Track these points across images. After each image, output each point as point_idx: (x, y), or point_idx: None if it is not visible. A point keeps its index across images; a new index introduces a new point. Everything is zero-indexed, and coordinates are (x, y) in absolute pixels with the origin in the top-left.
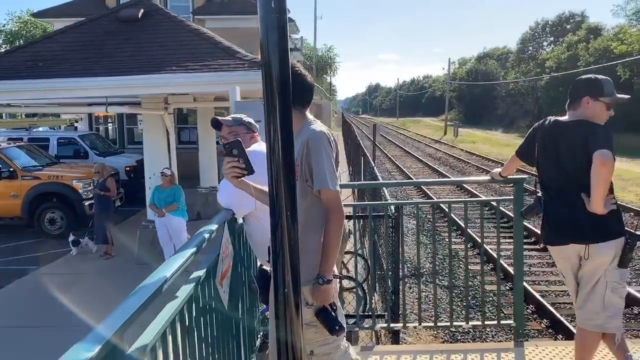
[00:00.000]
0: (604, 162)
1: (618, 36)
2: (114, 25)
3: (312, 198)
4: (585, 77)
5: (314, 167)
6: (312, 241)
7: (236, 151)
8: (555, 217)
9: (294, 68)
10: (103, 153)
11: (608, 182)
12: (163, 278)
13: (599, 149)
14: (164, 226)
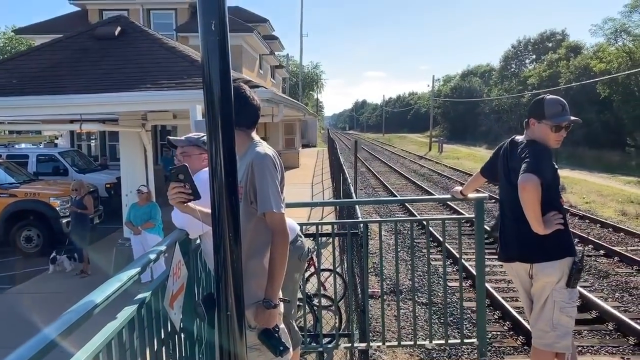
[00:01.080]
0: (524, 187)
1: (597, 54)
2: (90, 43)
3: (257, 221)
4: (536, 98)
5: (258, 190)
6: (256, 264)
7: (182, 176)
8: (505, 235)
9: (240, 89)
10: (83, 170)
11: (534, 204)
12: (91, 304)
13: (522, 173)
14: (139, 244)
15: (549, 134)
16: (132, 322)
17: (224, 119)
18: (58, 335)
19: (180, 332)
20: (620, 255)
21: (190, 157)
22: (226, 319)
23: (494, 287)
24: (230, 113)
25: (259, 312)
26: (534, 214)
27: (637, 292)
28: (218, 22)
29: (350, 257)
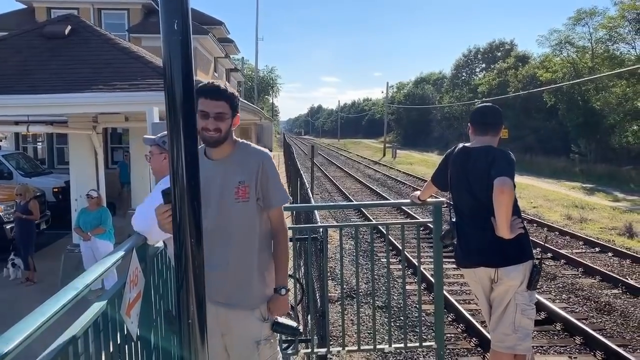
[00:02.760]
0: (502, 189)
1: (544, 64)
2: (39, 42)
3: (263, 216)
4: (495, 107)
5: (272, 186)
6: (266, 257)
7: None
8: (467, 240)
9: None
10: (29, 174)
11: (509, 207)
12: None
13: (497, 176)
14: (90, 250)
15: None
16: (87, 334)
17: (186, 122)
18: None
19: (137, 341)
20: (566, 258)
21: (153, 156)
22: (187, 328)
23: (447, 290)
24: (192, 115)
25: (278, 300)
26: (507, 217)
27: (583, 294)
28: (181, 22)
29: (309, 262)
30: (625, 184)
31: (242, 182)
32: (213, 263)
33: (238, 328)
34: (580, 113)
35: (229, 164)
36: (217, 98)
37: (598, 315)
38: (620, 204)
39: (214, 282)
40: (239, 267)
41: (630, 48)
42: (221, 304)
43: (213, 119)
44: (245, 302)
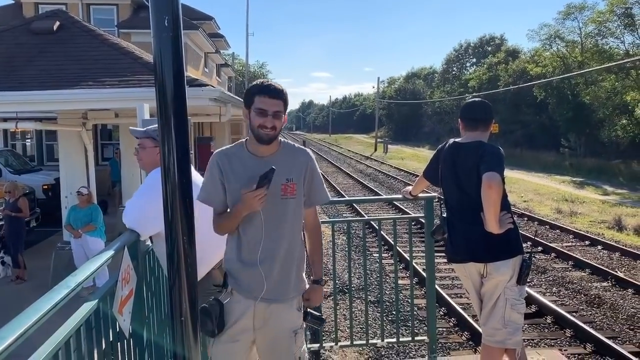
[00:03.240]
0: (490, 184)
1: (534, 59)
2: (26, 38)
3: (304, 213)
4: (485, 102)
5: (317, 185)
6: (302, 251)
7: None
8: (457, 236)
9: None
10: (18, 171)
11: (497, 202)
12: (39, 311)
13: (486, 171)
14: (80, 248)
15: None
16: (79, 332)
17: (177, 118)
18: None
19: (129, 339)
20: (557, 252)
21: (145, 149)
22: (180, 325)
23: (439, 284)
24: (184, 112)
25: (317, 291)
26: (495, 212)
27: (573, 287)
28: (172, 18)
29: None
30: (614, 178)
31: (289, 179)
32: (257, 259)
33: (277, 320)
34: (570, 107)
35: (276, 162)
36: (276, 97)
37: (588, 308)
38: (609, 197)
39: (256, 277)
40: (284, 261)
41: (619, 42)
42: (262, 299)
43: (271, 117)
44: (287, 295)
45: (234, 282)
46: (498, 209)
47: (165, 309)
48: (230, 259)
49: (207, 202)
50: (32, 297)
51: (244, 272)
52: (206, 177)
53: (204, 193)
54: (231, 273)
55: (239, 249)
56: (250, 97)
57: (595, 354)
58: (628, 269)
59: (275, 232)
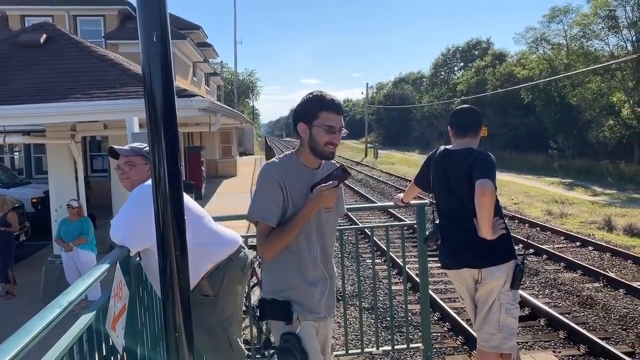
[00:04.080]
0: (483, 191)
1: (520, 62)
2: (13, 51)
3: None
4: (473, 108)
5: (342, 196)
6: None
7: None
8: (450, 242)
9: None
10: (7, 184)
11: (491, 209)
12: (30, 332)
13: (479, 178)
14: (71, 261)
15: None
16: (72, 350)
17: (167, 133)
18: None
19: (123, 355)
20: (548, 253)
21: (135, 167)
22: (174, 340)
23: (432, 289)
24: (174, 126)
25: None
26: (488, 219)
27: (565, 288)
28: (160, 34)
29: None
30: (602, 178)
31: None
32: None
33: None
34: (557, 109)
35: (321, 174)
36: (341, 112)
37: (581, 309)
38: (598, 198)
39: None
40: (331, 276)
41: (603, 44)
42: (323, 317)
43: (338, 134)
44: (334, 309)
45: (299, 307)
46: (491, 215)
47: (159, 323)
48: (293, 286)
49: (268, 220)
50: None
51: (309, 292)
52: (264, 193)
53: (263, 211)
54: (295, 299)
55: (301, 269)
56: (313, 113)
57: (589, 355)
58: (619, 269)
59: (326, 246)
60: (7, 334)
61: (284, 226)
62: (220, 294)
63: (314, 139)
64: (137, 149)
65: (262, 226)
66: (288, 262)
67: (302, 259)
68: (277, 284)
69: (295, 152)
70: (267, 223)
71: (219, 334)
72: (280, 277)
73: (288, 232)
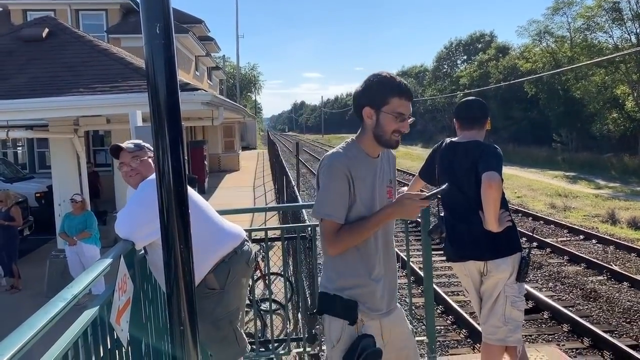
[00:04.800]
0: (490, 184)
1: (524, 55)
2: (16, 45)
3: None
4: (480, 100)
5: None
6: None
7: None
8: (455, 235)
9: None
10: (10, 179)
11: (497, 201)
12: (35, 326)
13: (486, 171)
14: (75, 255)
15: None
16: (77, 344)
17: (171, 125)
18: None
19: (127, 348)
20: (552, 247)
21: (144, 160)
22: (179, 334)
23: (436, 282)
24: (177, 119)
25: None
26: (495, 211)
27: (569, 281)
28: (163, 25)
29: (299, 260)
30: (606, 172)
31: (391, 180)
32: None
33: (397, 328)
34: (561, 102)
35: (381, 163)
36: (411, 99)
37: (584, 302)
38: (602, 191)
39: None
40: (393, 270)
41: (607, 37)
42: (386, 313)
43: (407, 121)
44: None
45: (363, 306)
46: (498, 208)
47: (163, 317)
48: (360, 284)
49: (337, 218)
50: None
51: (373, 290)
52: (331, 189)
53: (330, 209)
54: (360, 299)
55: (368, 267)
56: (383, 98)
57: (592, 348)
58: (623, 262)
59: (389, 241)
60: (12, 327)
61: (358, 226)
62: (226, 287)
63: (380, 126)
64: (140, 145)
65: (329, 223)
66: (355, 259)
67: (369, 256)
68: (342, 280)
69: (357, 138)
70: (335, 221)
71: (225, 327)
72: (346, 275)
73: (360, 234)
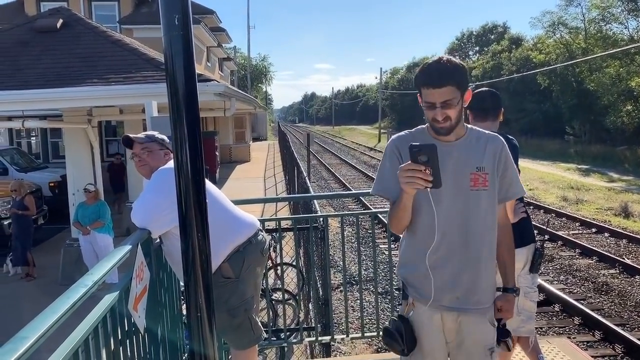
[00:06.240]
0: None
1: (537, 46)
2: (30, 36)
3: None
4: (494, 91)
5: (512, 175)
6: (494, 255)
7: (424, 157)
8: None
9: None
10: (25, 168)
11: None
12: (58, 311)
13: None
14: (89, 244)
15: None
16: (97, 329)
17: (189, 114)
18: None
19: (144, 334)
20: (563, 240)
21: (152, 152)
22: (197, 321)
23: None
24: (195, 107)
25: (509, 301)
26: (510, 203)
27: (580, 274)
28: (182, 17)
29: (311, 251)
30: (620, 165)
31: (480, 168)
32: (444, 259)
33: (472, 334)
34: (574, 94)
35: (462, 148)
36: (440, 85)
37: (596, 296)
38: (615, 184)
39: (442, 281)
40: (475, 263)
41: (623, 28)
42: (449, 307)
43: (440, 109)
44: (480, 305)
45: (414, 290)
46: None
47: (178, 304)
48: (407, 264)
49: (384, 193)
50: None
51: (427, 275)
52: (382, 167)
53: (379, 185)
54: (409, 280)
55: (419, 249)
56: (418, 87)
57: (604, 341)
58: (635, 256)
59: (464, 229)
60: (28, 313)
61: (395, 203)
62: (241, 276)
63: (425, 114)
64: (151, 136)
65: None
66: (408, 239)
67: (422, 240)
68: (400, 258)
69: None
70: (383, 196)
71: (240, 315)
72: (401, 253)
73: (395, 208)
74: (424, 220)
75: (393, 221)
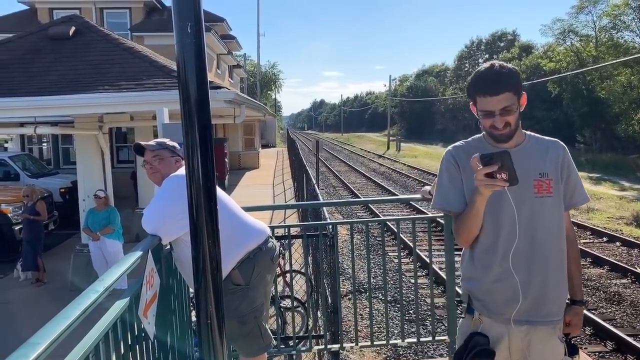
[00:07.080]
0: None
1: (547, 54)
2: (43, 43)
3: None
4: None
5: (576, 181)
6: (565, 265)
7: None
8: None
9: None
10: (36, 174)
11: None
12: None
13: None
14: (99, 250)
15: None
16: (107, 336)
17: (200, 121)
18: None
19: (154, 341)
20: None
21: (163, 160)
22: (207, 328)
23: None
24: (207, 115)
25: (578, 314)
26: None
27: (592, 284)
28: (194, 24)
29: (320, 258)
30: (631, 173)
31: (544, 174)
32: (511, 268)
33: (540, 350)
34: (585, 102)
35: (523, 154)
36: (498, 92)
37: (607, 305)
38: (627, 193)
39: (508, 292)
40: (544, 273)
41: (634, 36)
42: (516, 321)
43: (499, 116)
44: (550, 317)
45: (480, 304)
46: None
47: (188, 311)
48: (474, 277)
49: (446, 207)
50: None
51: (494, 287)
52: (440, 180)
53: (440, 198)
54: (474, 293)
55: (484, 262)
56: (473, 97)
57: (616, 352)
58: None
59: (530, 237)
60: (39, 318)
61: (465, 211)
62: (251, 283)
63: (481, 122)
64: (162, 143)
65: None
66: (473, 251)
67: (486, 249)
68: (463, 271)
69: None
70: (445, 209)
71: (250, 323)
72: (464, 265)
73: (466, 216)
74: (491, 230)
75: (463, 231)
